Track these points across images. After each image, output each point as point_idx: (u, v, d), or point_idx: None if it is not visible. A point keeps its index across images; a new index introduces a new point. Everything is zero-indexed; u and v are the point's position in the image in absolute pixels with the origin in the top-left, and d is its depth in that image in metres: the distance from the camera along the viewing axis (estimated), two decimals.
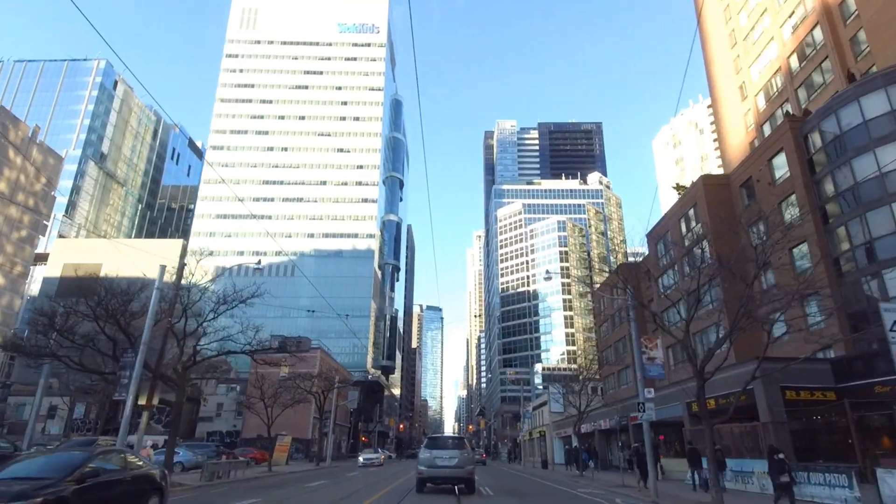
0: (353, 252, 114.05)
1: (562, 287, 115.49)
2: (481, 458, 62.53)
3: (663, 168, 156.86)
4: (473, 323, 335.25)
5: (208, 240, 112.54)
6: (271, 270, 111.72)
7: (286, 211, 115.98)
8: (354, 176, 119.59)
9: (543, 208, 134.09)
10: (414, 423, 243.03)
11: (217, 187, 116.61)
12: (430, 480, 17.90)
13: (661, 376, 19.03)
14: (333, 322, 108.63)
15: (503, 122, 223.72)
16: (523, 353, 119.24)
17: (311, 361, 61.44)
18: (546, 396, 62.27)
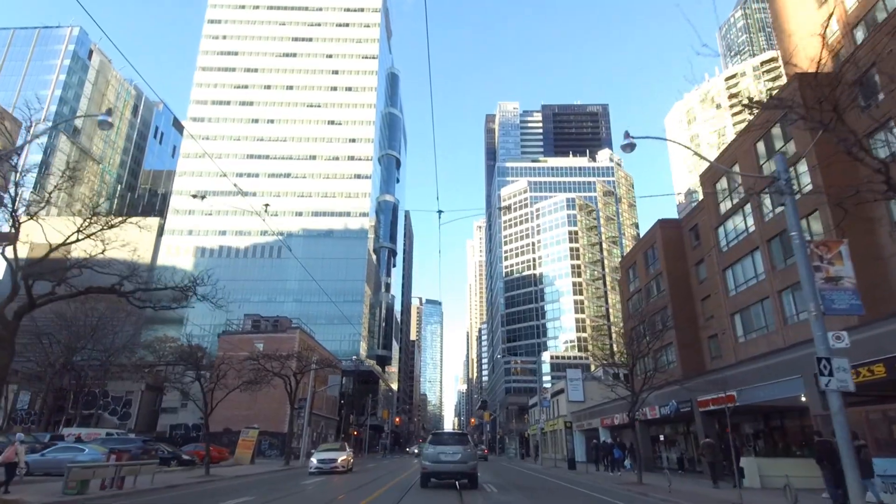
0: (345, 232, 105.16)
1: (571, 269, 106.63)
2: (482, 454, 58.85)
3: (676, 146, 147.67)
4: (474, 316, 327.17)
5: (187, 218, 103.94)
6: (256, 252, 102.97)
7: (272, 187, 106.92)
8: (346, 150, 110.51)
9: (550, 186, 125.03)
10: (413, 417, 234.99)
11: (197, 162, 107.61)
12: (433, 475, 17.96)
13: (856, 310, 10.02)
14: (324, 307, 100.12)
15: (505, 103, 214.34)
16: (529, 340, 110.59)
17: (289, 344, 52.72)
18: (563, 384, 53.46)
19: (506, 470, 34.02)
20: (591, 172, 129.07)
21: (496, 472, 29.67)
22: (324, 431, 64.44)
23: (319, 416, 62.12)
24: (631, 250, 47.36)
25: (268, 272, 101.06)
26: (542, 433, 60.21)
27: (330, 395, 53.50)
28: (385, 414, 74.70)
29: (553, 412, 57.90)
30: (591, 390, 51.24)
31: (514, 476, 27.78)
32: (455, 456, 17.55)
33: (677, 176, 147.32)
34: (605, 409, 38.53)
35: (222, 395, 36.22)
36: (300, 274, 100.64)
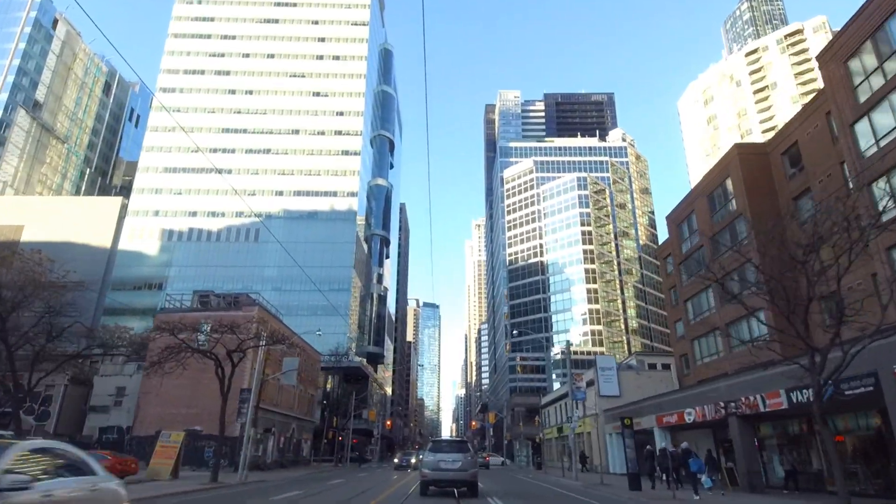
0: (330, 213, 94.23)
1: (584, 255, 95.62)
2: (483, 461, 51.48)
3: (692, 130, 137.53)
4: (473, 318, 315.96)
5: (153, 198, 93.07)
6: (230, 235, 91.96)
7: (250, 164, 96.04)
8: (334, 124, 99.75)
9: (557, 166, 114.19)
10: (409, 422, 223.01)
11: (166, 136, 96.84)
12: (433, 483, 17.72)
13: None
14: (306, 296, 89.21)
15: (506, 92, 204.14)
16: (537, 334, 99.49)
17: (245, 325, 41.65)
18: (589, 376, 42.50)
19: (532, 492, 22.93)
20: (602, 152, 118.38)
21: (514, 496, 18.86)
22: (296, 436, 53.28)
23: (290, 418, 51.01)
24: (684, 199, 36.65)
25: (243, 257, 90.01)
26: (557, 437, 49.06)
27: (287, 384, 42.38)
28: (371, 415, 63.58)
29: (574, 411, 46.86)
30: (627, 382, 40.34)
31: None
32: (455, 464, 17.35)
33: (693, 161, 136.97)
34: (665, 402, 27.60)
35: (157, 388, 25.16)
36: (279, 259, 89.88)
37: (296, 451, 53.60)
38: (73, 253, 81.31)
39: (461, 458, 17.51)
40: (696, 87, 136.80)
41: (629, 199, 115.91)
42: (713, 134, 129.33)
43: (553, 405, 56.30)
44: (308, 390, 57.60)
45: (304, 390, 56.14)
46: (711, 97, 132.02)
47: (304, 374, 55.88)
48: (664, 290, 42.82)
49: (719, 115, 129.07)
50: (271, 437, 46.08)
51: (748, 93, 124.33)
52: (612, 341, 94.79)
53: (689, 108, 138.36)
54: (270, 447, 46.03)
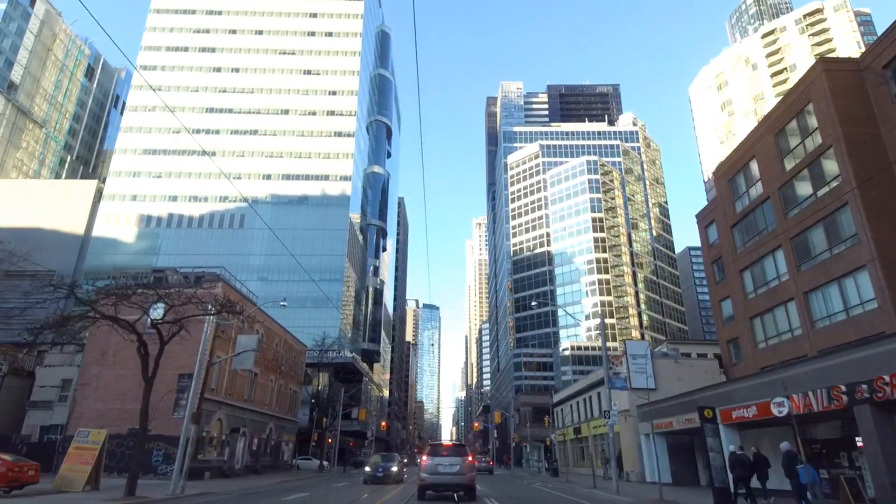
0: (322, 199, 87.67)
1: (594, 244, 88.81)
2: (487, 466, 47.49)
3: (704, 116, 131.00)
4: (473, 318, 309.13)
5: (131, 181, 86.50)
6: (213, 221, 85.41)
7: (236, 146, 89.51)
8: (326, 104, 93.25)
9: (565, 150, 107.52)
10: (408, 425, 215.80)
11: (146, 116, 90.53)
12: (431, 488, 17.72)
13: None
14: (295, 287, 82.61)
15: (508, 83, 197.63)
16: (541, 329, 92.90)
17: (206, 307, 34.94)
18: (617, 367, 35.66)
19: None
20: (613, 136, 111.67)
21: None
22: (274, 437, 46.49)
23: (266, 416, 44.25)
24: (739, 147, 29.91)
25: (227, 245, 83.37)
26: (572, 438, 42.22)
27: (242, 370, 35.46)
28: (362, 414, 56.70)
29: (594, 409, 40.05)
30: (664, 373, 33.68)
31: None
32: (453, 468, 17.28)
33: (705, 149, 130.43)
34: (737, 391, 20.88)
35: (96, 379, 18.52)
36: (266, 247, 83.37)
37: (274, 455, 46.83)
38: (42, 240, 74.87)
39: (459, 462, 17.44)
40: (708, 72, 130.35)
41: (642, 187, 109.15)
42: (728, 120, 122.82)
43: (567, 403, 49.54)
44: (290, 386, 50.86)
45: (285, 385, 49.42)
46: (725, 81, 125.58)
47: (284, 368, 49.24)
48: (705, 265, 36.10)
49: (734, 100, 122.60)
50: (241, 438, 39.31)
51: (765, 76, 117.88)
52: (625, 336, 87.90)
53: (702, 94, 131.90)
54: (240, 450, 39.26)
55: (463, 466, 17.34)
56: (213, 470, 34.75)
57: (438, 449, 18.70)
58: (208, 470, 34.11)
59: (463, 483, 17.38)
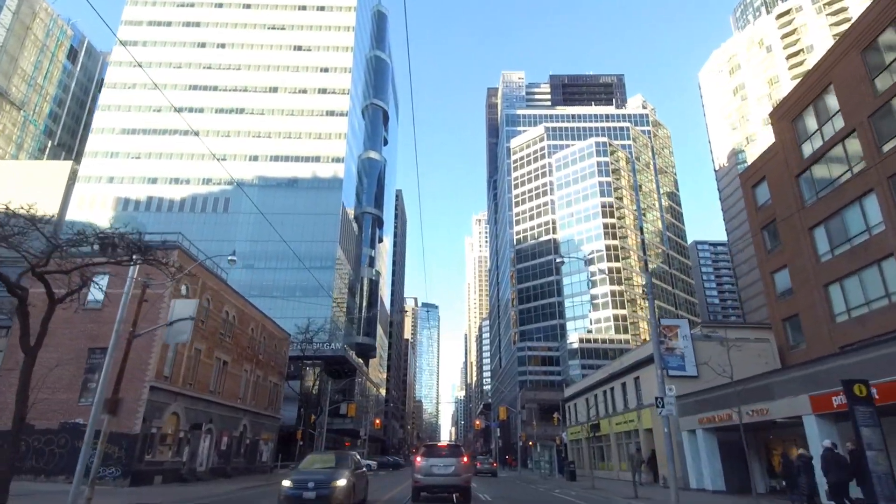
0: (312, 181, 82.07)
1: (604, 230, 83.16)
2: (490, 467, 44.23)
3: (715, 101, 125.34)
4: (473, 316, 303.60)
5: (108, 162, 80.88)
6: (195, 204, 79.82)
7: (221, 125, 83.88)
8: (317, 81, 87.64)
9: (571, 133, 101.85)
10: (406, 424, 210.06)
11: (125, 94, 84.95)
12: (425, 489, 17.30)
13: None
14: (283, 275, 77.17)
15: (509, 73, 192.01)
16: (546, 322, 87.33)
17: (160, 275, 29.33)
18: (647, 350, 30.18)
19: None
20: (622, 119, 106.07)
21: None
22: (249, 435, 40.80)
23: (238, 411, 38.58)
24: (810, 73, 24.44)
25: (210, 230, 77.69)
26: (620, 435, 36.58)
27: (180, 344, 29.45)
28: (351, 409, 50.95)
29: (618, 402, 34.37)
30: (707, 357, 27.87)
31: None
32: (448, 469, 16.96)
33: (717, 136, 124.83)
34: (847, 366, 15.23)
35: None
36: (252, 233, 77.79)
37: (249, 455, 41.14)
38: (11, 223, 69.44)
39: (454, 462, 17.05)
40: (720, 56, 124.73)
41: (652, 172, 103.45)
42: (741, 105, 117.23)
43: (582, 397, 43.88)
44: (270, 378, 45.19)
45: (264, 377, 43.76)
46: (738, 65, 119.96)
47: (263, 358, 43.62)
48: (753, 233, 30.51)
49: (747, 84, 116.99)
50: (206, 436, 33.66)
51: (780, 58, 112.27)
52: (636, 330, 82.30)
53: (713, 79, 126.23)
54: (204, 450, 33.62)
55: (458, 467, 16.93)
56: (168, 473, 29.11)
57: (433, 449, 18.18)
58: (160, 473, 28.47)
59: (458, 484, 16.97)
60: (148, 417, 27.39)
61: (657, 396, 16.43)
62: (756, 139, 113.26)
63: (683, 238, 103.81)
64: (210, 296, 34.23)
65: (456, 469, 16.95)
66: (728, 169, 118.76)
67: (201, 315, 32.14)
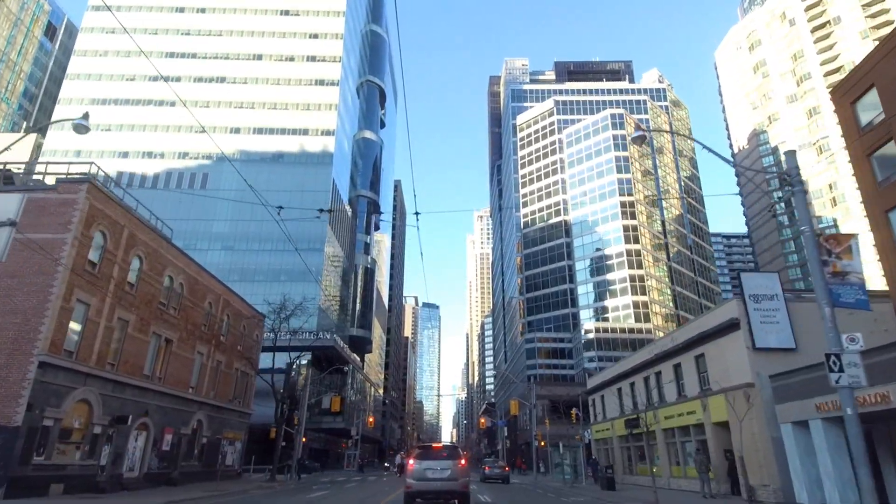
0: (300, 156, 74.79)
1: (621, 209, 75.69)
2: (501, 472, 36.28)
3: (733, 81, 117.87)
4: (474, 315, 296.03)
5: (76, 135, 73.22)
6: (170, 180, 72.50)
7: (199, 95, 76.62)
8: (306, 48, 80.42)
9: (583, 107, 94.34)
10: (406, 425, 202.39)
11: (96, 61, 77.93)
12: (419, 495, 15.67)
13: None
14: (266, 258, 69.78)
15: (512, 60, 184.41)
16: (556, 311, 79.81)
17: (58, 216, 21.85)
18: (719, 316, 22.57)
19: None
20: (638, 93, 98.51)
21: None
22: (206, 433, 33.31)
23: (189, 403, 31.18)
24: None
25: (186, 209, 70.33)
26: (670, 432, 28.79)
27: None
28: (335, 403, 43.32)
29: (680, 387, 26.70)
30: (805, 323, 20.44)
31: None
32: (444, 472, 15.39)
33: (735, 117, 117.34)
34: None
35: None
36: (232, 212, 70.50)
37: (207, 457, 33.62)
38: None
39: (450, 465, 15.50)
40: (738, 32, 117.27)
41: (672, 150, 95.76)
42: (762, 83, 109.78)
43: (610, 388, 36.31)
44: (236, 365, 37.70)
45: (227, 364, 36.29)
46: (758, 41, 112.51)
47: (227, 341, 36.21)
48: (855, 161, 22.98)
49: (769, 61, 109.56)
50: (137, 432, 26.22)
51: (804, 32, 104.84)
52: (650, 322, 74.65)
53: (731, 57, 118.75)
54: (134, 450, 26.16)
55: (455, 471, 15.34)
56: (73, 481, 21.61)
57: (427, 451, 16.34)
58: (60, 480, 20.99)
59: (455, 490, 15.38)
60: (38, 404, 19.89)
61: (831, 353, 8.83)
62: (779, 118, 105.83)
63: (705, 223, 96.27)
64: (144, 253, 26.77)
65: (453, 472, 15.36)
66: (748, 151, 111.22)
67: (124, 275, 24.71)
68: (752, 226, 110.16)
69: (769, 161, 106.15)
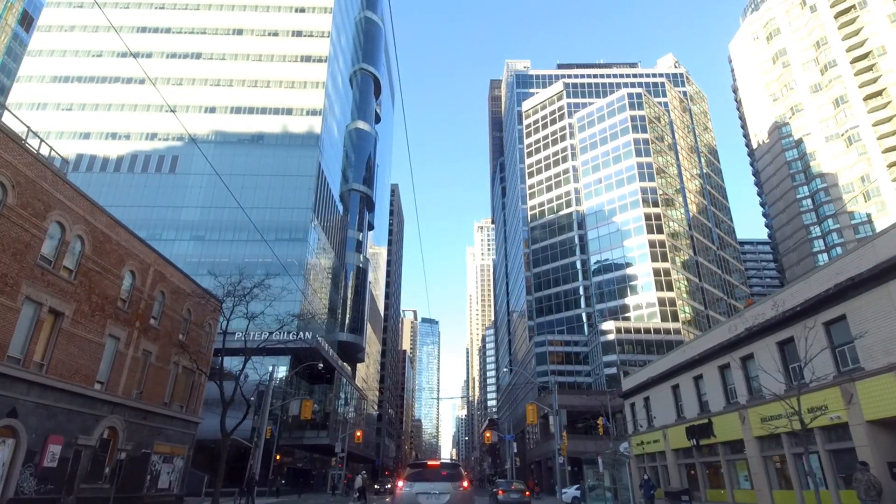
0: (283, 137, 67.24)
1: (642, 195, 67.76)
2: (521, 497, 27.61)
3: (750, 73, 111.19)
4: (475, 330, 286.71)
5: (34, 115, 66.23)
6: (136, 163, 64.90)
7: (172, 72, 69.40)
8: (291, 22, 73.51)
9: (595, 90, 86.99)
10: (403, 444, 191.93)
11: (61, 37, 70.98)
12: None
13: None
14: (242, 249, 61.60)
15: (514, 62, 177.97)
16: (568, 312, 71.45)
17: None
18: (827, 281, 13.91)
19: None
20: (655, 76, 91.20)
21: None
22: (124, 446, 24.82)
23: (96, 403, 22.89)
24: None
25: (152, 194, 62.55)
26: (792, 437, 20.20)
27: None
28: (306, 409, 34.75)
29: (791, 374, 18.36)
30: None
31: None
32: (442, 498, 11.79)
33: (753, 110, 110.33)
34: None
35: None
36: (204, 198, 62.83)
37: (129, 479, 25.11)
38: None
39: (451, 488, 11.92)
40: (754, 22, 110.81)
41: (692, 139, 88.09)
42: (782, 73, 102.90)
43: (658, 387, 27.90)
44: (176, 360, 29.36)
45: (163, 357, 28.04)
46: (777, 30, 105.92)
47: (158, 325, 28.05)
48: None
49: (789, 50, 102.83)
50: None
51: (827, 18, 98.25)
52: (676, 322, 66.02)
53: (747, 48, 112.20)
54: None
55: (456, 496, 11.76)
56: None
57: (422, 471, 12.72)
58: None
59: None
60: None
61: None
62: (803, 108, 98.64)
63: (729, 216, 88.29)
64: (13, 181, 18.82)
65: (454, 498, 11.63)
66: (769, 146, 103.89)
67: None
68: (776, 224, 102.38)
69: (792, 154, 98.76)
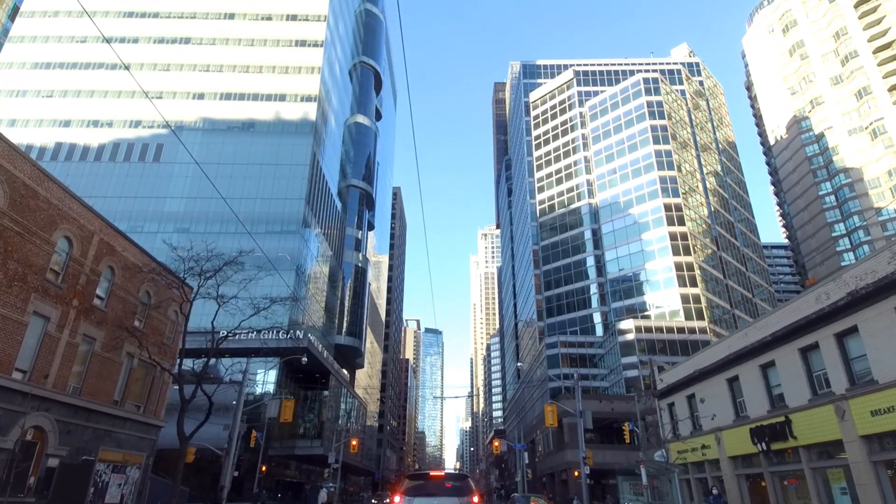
0: (275, 125, 63.14)
1: (660, 185, 63.08)
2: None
3: (766, 67, 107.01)
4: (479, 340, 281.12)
5: (12, 102, 62.68)
6: (118, 152, 60.98)
7: (160, 58, 65.66)
8: (285, 6, 69.75)
9: (607, 78, 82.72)
10: (405, 456, 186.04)
11: (43, 22, 67.49)
12: None
13: None
14: (230, 241, 56.34)
15: (517, 64, 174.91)
16: (581, 312, 66.47)
17: None
18: None
19: None
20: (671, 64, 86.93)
21: None
22: (55, 450, 20.11)
23: (15, 395, 18.09)
24: None
25: (135, 184, 58.40)
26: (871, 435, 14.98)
27: None
28: (285, 410, 30.03)
29: None
30: None
31: None
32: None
33: (769, 105, 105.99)
34: None
35: None
36: (190, 188, 58.60)
37: (64, 490, 20.43)
38: None
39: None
40: (769, 14, 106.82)
41: (710, 131, 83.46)
42: (800, 65, 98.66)
43: (707, 381, 23.08)
44: (128, 349, 24.68)
45: (109, 342, 23.31)
46: (793, 21, 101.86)
47: (103, 308, 23.48)
48: None
49: (807, 42, 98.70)
50: None
51: (847, 7, 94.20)
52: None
53: (762, 42, 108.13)
54: None
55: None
56: None
57: (422, 484, 10.49)
58: None
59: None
60: None
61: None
62: (823, 101, 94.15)
63: (750, 212, 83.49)
64: None
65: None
66: (788, 141, 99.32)
67: None
68: (796, 223, 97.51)
69: (813, 149, 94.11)
